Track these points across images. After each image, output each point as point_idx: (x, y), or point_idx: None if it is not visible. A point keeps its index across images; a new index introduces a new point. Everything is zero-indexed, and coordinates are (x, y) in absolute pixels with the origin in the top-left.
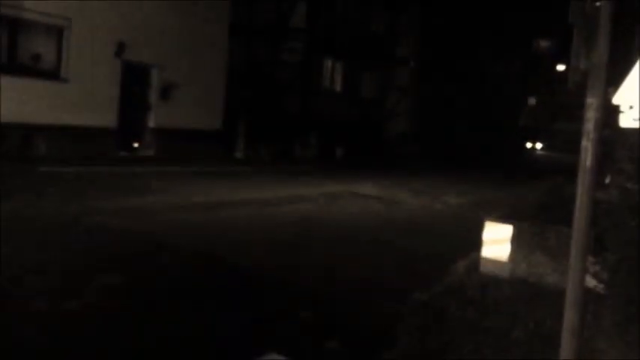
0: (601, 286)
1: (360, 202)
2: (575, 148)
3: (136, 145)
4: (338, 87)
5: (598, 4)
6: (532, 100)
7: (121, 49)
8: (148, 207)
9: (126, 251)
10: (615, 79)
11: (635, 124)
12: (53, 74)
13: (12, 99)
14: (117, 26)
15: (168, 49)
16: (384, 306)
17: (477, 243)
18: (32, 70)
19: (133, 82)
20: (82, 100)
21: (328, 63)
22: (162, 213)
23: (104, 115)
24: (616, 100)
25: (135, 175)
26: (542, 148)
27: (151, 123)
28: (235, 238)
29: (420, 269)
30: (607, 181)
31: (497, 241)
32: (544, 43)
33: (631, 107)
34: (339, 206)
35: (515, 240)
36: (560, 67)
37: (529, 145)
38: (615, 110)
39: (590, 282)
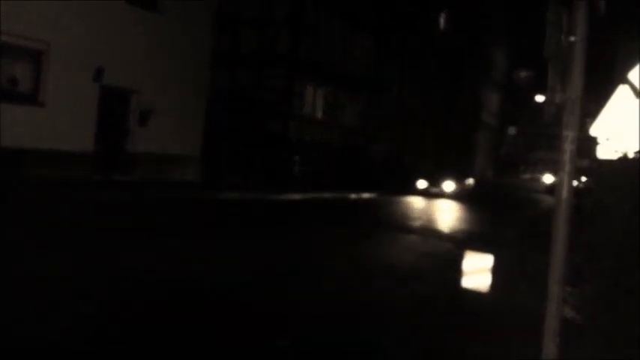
0: (579, 317)
1: None
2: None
3: (113, 170)
4: (320, 114)
5: (572, 39)
6: (512, 130)
7: (99, 73)
8: None
9: None
10: (592, 110)
11: (613, 155)
12: (31, 98)
13: None
14: (96, 51)
15: (147, 74)
16: None
17: None
18: (9, 93)
19: (111, 106)
20: (59, 124)
21: (310, 89)
22: None
23: (81, 140)
24: (593, 131)
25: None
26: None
27: (129, 148)
28: None
29: None
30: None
31: (477, 270)
32: (524, 74)
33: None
34: None
35: (496, 269)
36: (540, 98)
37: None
38: (593, 141)
39: (569, 313)
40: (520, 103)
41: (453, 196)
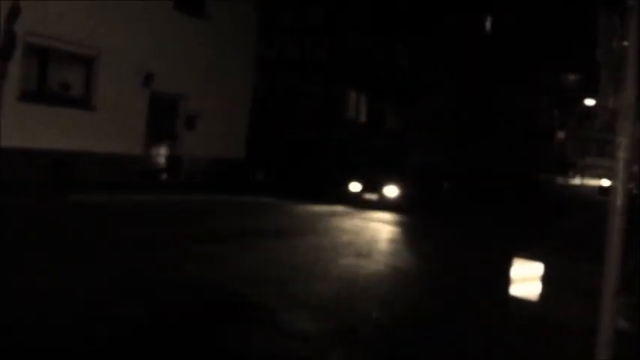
0: (632, 327)
1: None
2: None
3: (161, 172)
4: (363, 118)
5: (626, 43)
6: (560, 134)
7: (148, 79)
8: None
9: None
10: None
11: None
12: (82, 102)
13: (41, 126)
14: (145, 57)
15: (194, 80)
16: None
17: None
18: (61, 98)
19: (160, 111)
20: (109, 127)
21: (352, 95)
22: None
23: (131, 143)
24: None
25: None
26: None
27: (176, 151)
28: None
29: None
30: None
31: (526, 279)
32: (572, 77)
33: None
34: None
35: (546, 278)
36: (589, 102)
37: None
38: None
39: (622, 323)
40: (568, 106)
41: (394, 207)
